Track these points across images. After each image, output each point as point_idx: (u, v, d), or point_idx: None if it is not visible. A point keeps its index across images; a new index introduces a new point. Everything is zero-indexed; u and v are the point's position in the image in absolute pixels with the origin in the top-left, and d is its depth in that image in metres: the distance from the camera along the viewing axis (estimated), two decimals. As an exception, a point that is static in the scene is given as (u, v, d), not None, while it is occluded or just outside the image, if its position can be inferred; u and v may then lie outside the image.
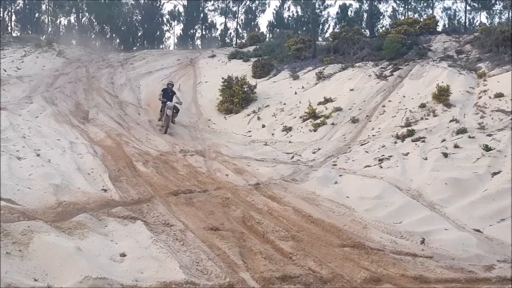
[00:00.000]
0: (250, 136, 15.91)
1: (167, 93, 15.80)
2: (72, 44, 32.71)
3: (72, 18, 38.76)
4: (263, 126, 16.48)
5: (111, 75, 23.46)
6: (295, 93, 18.66)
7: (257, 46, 27.07)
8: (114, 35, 38.64)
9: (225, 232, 6.35)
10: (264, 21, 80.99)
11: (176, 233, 6.04)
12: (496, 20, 24.51)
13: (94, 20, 37.94)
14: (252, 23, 38.74)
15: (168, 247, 5.48)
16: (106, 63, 26.02)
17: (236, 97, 18.46)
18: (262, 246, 5.97)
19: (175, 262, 5.03)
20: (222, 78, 19.39)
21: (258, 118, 17.28)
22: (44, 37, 31.07)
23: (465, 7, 27.19)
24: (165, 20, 39.91)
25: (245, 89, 18.87)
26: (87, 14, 38.24)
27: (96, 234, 5.65)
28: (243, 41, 32.89)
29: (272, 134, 15.64)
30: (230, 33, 39.81)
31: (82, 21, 38.43)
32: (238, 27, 39.34)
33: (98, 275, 4.40)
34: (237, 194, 8.49)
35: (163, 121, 15.34)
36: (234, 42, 36.07)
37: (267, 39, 30.89)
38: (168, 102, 15.12)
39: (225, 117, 18.25)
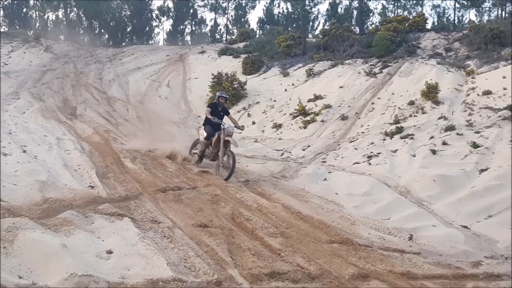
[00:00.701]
0: (240, 133, 15.84)
1: (217, 111, 10.40)
2: (60, 39, 32.36)
3: (60, 13, 38.37)
4: (253, 123, 16.45)
5: (99, 70, 23.27)
6: (285, 90, 18.64)
7: (247, 43, 26.99)
8: (102, 31, 38.28)
9: (214, 229, 6.30)
10: (254, 17, 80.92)
11: (164, 230, 5.99)
12: (485, 17, 24.65)
13: (82, 15, 37.55)
14: (242, 19, 38.61)
15: (155, 244, 5.43)
16: (94, 59, 25.79)
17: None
18: (251, 242, 5.94)
19: (163, 259, 4.98)
20: (212, 74, 19.34)
21: (248, 115, 17.24)
22: (31, 32, 30.63)
23: (454, 5, 27.36)
24: (154, 15, 39.65)
25: (235, 86, 18.83)
26: (75, 9, 37.86)
27: (82, 231, 5.57)
28: (233, 37, 32.76)
29: (262, 131, 15.63)
30: (220, 29, 39.66)
31: (70, 16, 38.03)
32: (228, 23, 39.22)
33: (83, 272, 4.34)
34: (226, 191, 8.45)
35: (219, 158, 9.74)
36: (224, 38, 35.90)
37: (257, 36, 30.79)
38: (227, 126, 9.89)
39: (215, 114, 18.13)
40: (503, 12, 23.26)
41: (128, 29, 38.74)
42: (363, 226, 7.30)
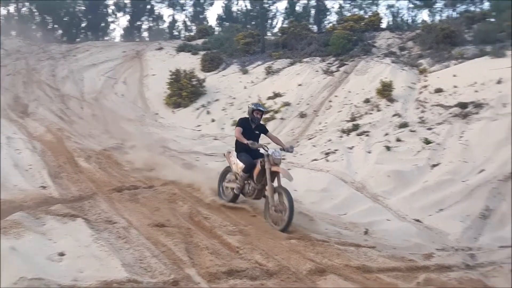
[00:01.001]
0: (200, 130, 15.75)
1: (250, 130, 7.81)
2: (11, 35, 31.04)
3: (12, 8, 36.74)
4: (213, 120, 16.37)
5: (53, 67, 22.48)
6: (245, 87, 18.63)
7: (206, 40, 26.77)
8: (56, 26, 36.93)
9: (171, 228, 6.24)
10: (213, 14, 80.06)
11: (119, 231, 5.86)
12: (437, 17, 25.41)
13: (35, 10, 36.12)
14: (200, 16, 38.22)
15: (110, 245, 5.30)
16: (47, 55, 24.86)
17: (184, 91, 18.17)
18: (209, 241, 5.91)
19: (117, 260, 4.87)
20: (170, 71, 19.04)
21: (208, 112, 17.13)
22: (-20, 28, 29.17)
23: (408, 5, 28.14)
24: (110, 11, 38.61)
25: (194, 83, 18.62)
26: (27, 3, 36.36)
27: (33, 233, 5.37)
28: (192, 34, 32.39)
29: (222, 129, 15.57)
30: (178, 25, 39.08)
31: (22, 11, 36.50)
32: (186, 19, 38.73)
33: (34, 276, 4.20)
34: (184, 190, 8.38)
35: (268, 198, 7.12)
36: (182, 35, 35.44)
37: (216, 33, 30.58)
38: (273, 151, 7.21)
39: (173, 111, 17.96)
40: (454, 12, 24.11)
41: (83, 25, 37.56)
42: (320, 222, 7.41)
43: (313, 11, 30.08)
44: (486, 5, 21.50)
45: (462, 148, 9.98)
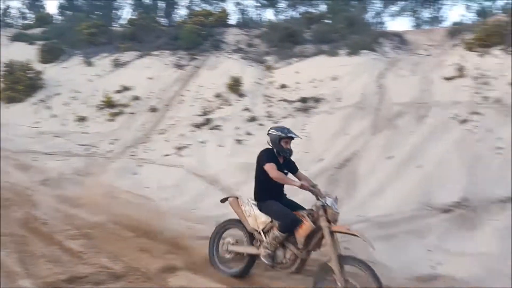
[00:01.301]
0: (38, 127, 14.33)
1: (276, 162, 5.58)
2: None
3: None
4: (54, 116, 15.02)
5: None
6: (90, 80, 17.46)
7: (45, 29, 24.50)
8: None
9: (2, 238, 5.54)
10: (53, 2, 73.85)
11: None
12: (281, 17, 26.89)
13: None
14: (37, 3, 34.78)
15: None
16: None
17: (20, 84, 16.35)
18: (47, 248, 5.42)
19: None
20: (3, 63, 16.96)
21: (47, 108, 15.66)
22: None
23: (254, 3, 29.28)
24: None
25: (31, 75, 16.87)
26: None
27: None
28: (29, 22, 29.35)
29: (64, 125, 14.36)
30: (11, 12, 35.02)
31: None
32: (23, 6, 34.89)
33: None
34: (19, 194, 7.55)
35: (336, 275, 4.43)
36: (18, 23, 31.87)
37: (57, 21, 28.16)
38: (332, 203, 4.91)
39: (7, 107, 16.05)
40: (295, 13, 25.75)
41: None
42: (172, 218, 7.30)
43: (162, 4, 29.53)
44: (323, 7, 23.31)
45: (304, 140, 10.71)
